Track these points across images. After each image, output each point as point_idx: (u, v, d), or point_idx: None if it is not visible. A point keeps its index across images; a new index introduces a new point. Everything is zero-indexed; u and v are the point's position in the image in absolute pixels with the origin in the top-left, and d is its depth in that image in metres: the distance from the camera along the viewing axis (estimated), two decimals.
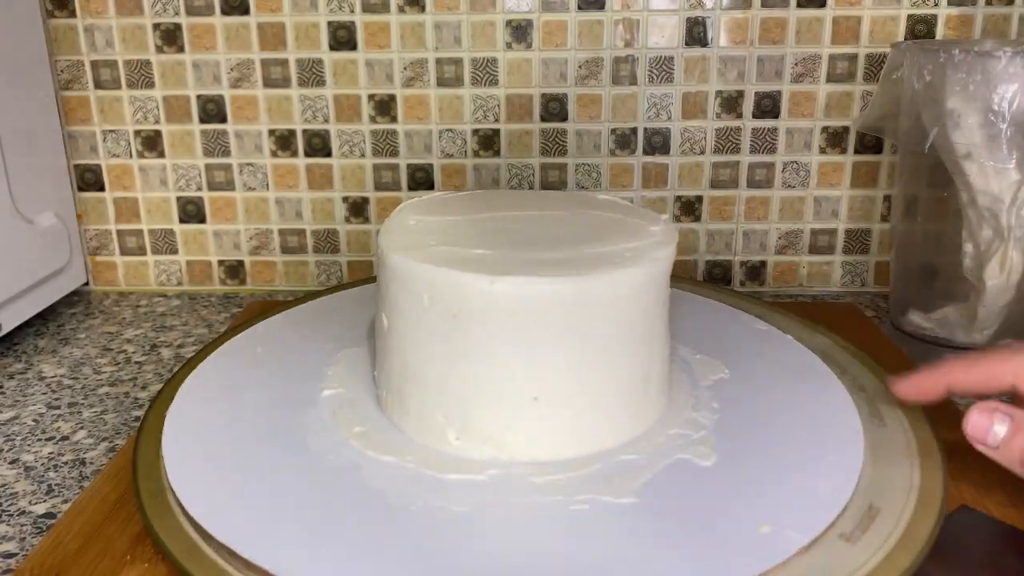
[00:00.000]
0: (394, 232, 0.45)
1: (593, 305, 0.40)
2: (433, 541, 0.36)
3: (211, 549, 0.35)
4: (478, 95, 0.70)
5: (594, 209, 0.50)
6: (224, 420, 0.45)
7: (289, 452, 0.42)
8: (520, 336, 0.39)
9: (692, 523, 0.37)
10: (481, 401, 0.41)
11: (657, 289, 0.43)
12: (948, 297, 0.59)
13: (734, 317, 0.57)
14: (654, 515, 0.37)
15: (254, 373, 0.50)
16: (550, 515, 0.37)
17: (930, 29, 0.68)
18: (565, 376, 0.41)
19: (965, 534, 0.37)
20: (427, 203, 0.51)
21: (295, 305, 0.60)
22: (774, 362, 0.51)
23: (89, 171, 0.73)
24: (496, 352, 0.40)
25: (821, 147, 0.71)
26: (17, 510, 0.44)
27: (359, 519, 0.37)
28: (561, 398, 0.41)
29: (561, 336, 0.40)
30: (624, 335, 0.42)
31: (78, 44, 0.70)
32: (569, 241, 0.44)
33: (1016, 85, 0.51)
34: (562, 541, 0.36)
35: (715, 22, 0.68)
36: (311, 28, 0.69)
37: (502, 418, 0.41)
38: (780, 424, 0.44)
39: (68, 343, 0.65)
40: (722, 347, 0.52)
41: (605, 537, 0.36)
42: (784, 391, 0.47)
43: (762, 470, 0.40)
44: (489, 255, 0.42)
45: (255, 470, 0.40)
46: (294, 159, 0.72)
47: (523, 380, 0.40)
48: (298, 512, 0.37)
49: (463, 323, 0.40)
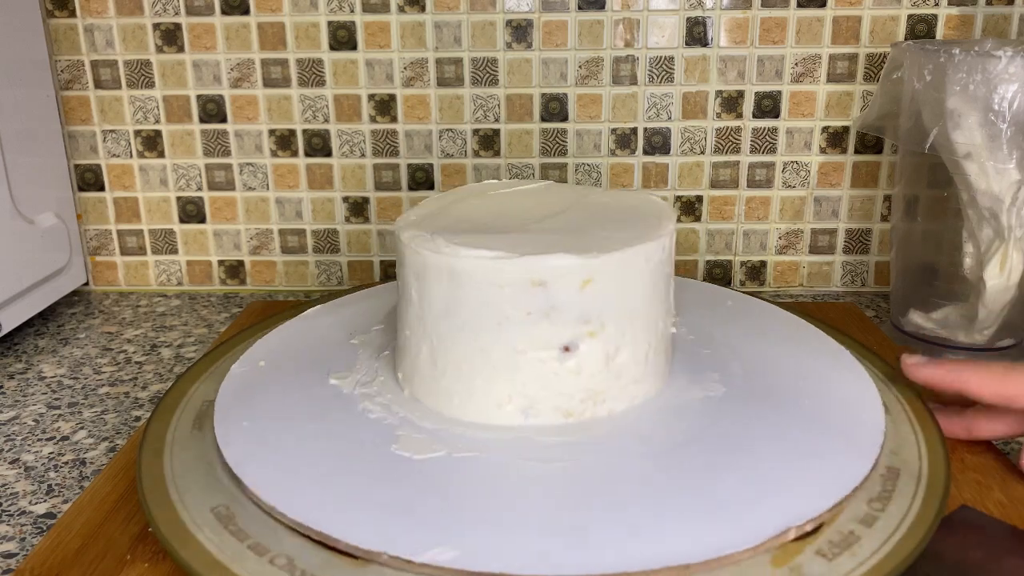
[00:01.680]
0: (415, 225, 0.46)
1: (611, 278, 0.41)
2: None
3: (212, 548, 0.35)
4: (478, 95, 0.70)
5: (594, 196, 0.51)
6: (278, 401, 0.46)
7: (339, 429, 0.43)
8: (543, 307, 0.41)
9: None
10: (511, 367, 0.42)
11: (668, 260, 0.45)
12: (948, 297, 0.59)
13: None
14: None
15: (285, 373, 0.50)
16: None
17: (930, 29, 0.68)
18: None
19: (965, 534, 0.37)
20: (436, 200, 0.51)
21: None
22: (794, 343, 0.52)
23: (89, 171, 0.73)
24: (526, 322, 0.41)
25: (821, 147, 0.71)
26: (17, 510, 0.44)
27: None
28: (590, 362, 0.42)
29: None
30: (639, 307, 0.43)
31: (78, 44, 0.70)
32: (578, 222, 0.46)
33: (1016, 85, 0.51)
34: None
35: (715, 22, 0.68)
36: (311, 28, 0.69)
37: (531, 383, 0.42)
38: (793, 400, 0.45)
39: (68, 343, 0.65)
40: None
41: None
42: (796, 366, 0.49)
43: (770, 457, 0.40)
44: (514, 237, 0.43)
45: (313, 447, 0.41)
46: (294, 159, 0.72)
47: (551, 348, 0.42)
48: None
49: (492, 300, 0.41)
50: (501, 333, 0.41)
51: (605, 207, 0.48)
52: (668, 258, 0.45)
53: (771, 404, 0.44)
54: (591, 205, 0.49)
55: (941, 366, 0.43)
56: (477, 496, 0.38)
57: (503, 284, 0.40)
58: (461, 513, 0.36)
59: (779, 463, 0.39)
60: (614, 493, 0.37)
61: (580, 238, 0.43)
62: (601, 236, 0.43)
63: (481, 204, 0.50)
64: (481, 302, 0.41)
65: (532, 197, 0.51)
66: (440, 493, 0.38)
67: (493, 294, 0.41)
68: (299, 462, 0.40)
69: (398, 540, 0.34)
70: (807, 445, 0.40)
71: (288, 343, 0.53)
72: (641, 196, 0.50)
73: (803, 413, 0.43)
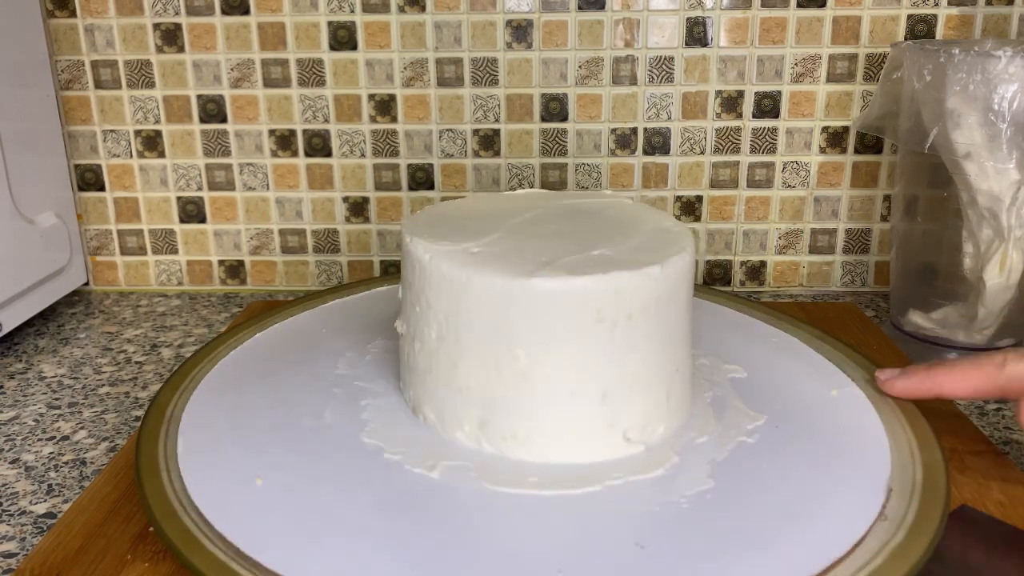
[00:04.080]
0: (426, 235, 0.45)
1: (632, 300, 0.40)
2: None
3: (212, 547, 0.35)
4: (478, 95, 0.70)
5: (601, 208, 0.50)
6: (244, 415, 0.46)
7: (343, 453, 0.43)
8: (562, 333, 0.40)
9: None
10: (522, 400, 0.41)
11: (689, 283, 0.44)
12: (948, 297, 0.59)
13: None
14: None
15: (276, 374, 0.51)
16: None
17: (930, 29, 0.68)
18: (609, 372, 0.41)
19: (965, 534, 0.37)
20: (444, 207, 0.51)
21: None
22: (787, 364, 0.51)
23: (89, 171, 0.73)
24: (543, 349, 0.40)
25: (821, 147, 0.71)
26: (17, 510, 0.44)
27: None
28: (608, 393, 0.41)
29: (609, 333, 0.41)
30: (659, 332, 0.42)
31: (78, 44, 0.70)
32: (597, 239, 0.44)
33: (1016, 85, 0.51)
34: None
35: (715, 22, 0.68)
36: (311, 28, 0.69)
37: (539, 417, 0.41)
38: (804, 431, 0.44)
39: (68, 343, 0.65)
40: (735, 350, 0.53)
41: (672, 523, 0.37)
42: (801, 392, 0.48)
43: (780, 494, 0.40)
44: (528, 253, 0.42)
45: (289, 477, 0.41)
46: (294, 159, 0.72)
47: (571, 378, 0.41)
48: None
49: (514, 321, 0.40)
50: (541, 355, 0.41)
51: (617, 222, 0.47)
52: (689, 279, 0.43)
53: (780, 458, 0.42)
54: (603, 219, 0.48)
55: (913, 376, 0.44)
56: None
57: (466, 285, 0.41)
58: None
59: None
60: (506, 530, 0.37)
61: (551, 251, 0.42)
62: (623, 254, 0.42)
63: (496, 205, 0.50)
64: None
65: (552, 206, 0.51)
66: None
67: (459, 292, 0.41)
68: (254, 431, 0.44)
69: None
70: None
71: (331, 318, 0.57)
72: (664, 221, 0.48)
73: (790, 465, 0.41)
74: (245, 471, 0.40)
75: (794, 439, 0.43)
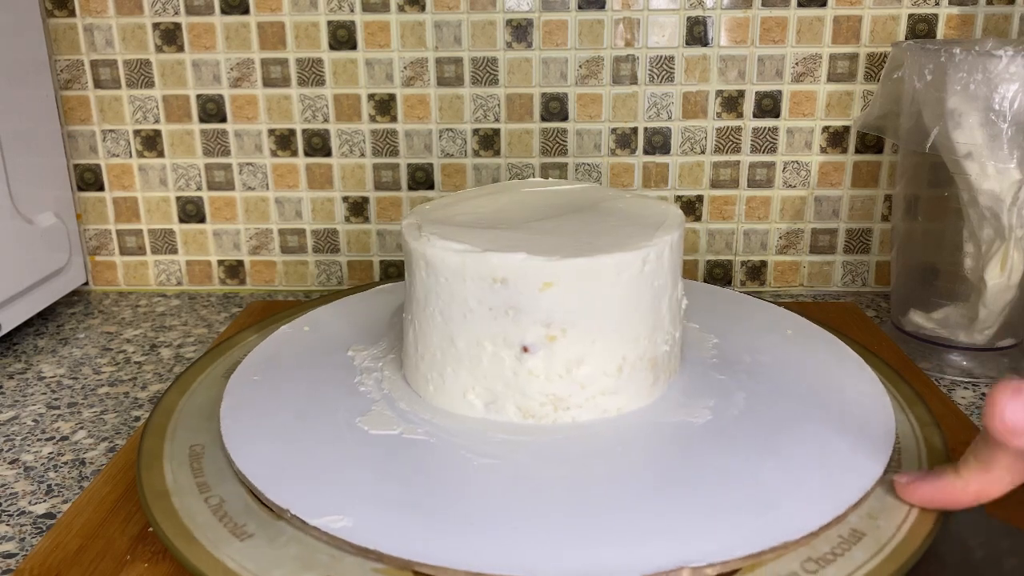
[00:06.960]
0: (426, 224, 0.46)
1: (624, 278, 0.42)
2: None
3: (212, 544, 0.35)
4: (478, 95, 0.70)
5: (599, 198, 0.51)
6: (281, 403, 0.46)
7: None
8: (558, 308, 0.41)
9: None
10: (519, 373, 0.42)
11: (675, 258, 0.45)
12: (949, 297, 0.59)
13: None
14: None
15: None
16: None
17: (931, 28, 0.68)
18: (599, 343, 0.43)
19: (965, 534, 0.37)
20: (442, 203, 0.51)
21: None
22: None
23: (89, 171, 0.73)
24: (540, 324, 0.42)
25: (822, 147, 0.71)
26: (17, 510, 0.44)
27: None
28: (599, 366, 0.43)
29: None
30: (646, 308, 0.44)
31: (78, 44, 0.70)
32: (578, 226, 0.46)
33: (1017, 85, 0.51)
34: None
35: (715, 22, 0.68)
36: (311, 27, 0.69)
37: (536, 385, 0.42)
38: (802, 401, 0.45)
39: (68, 343, 0.65)
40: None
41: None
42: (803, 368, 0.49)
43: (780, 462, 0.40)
44: (529, 239, 0.43)
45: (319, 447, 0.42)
46: (294, 159, 0.72)
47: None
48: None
49: (458, 292, 0.42)
50: (466, 325, 0.42)
51: (617, 213, 0.48)
52: (657, 271, 0.43)
53: (759, 435, 0.42)
54: (605, 209, 0.49)
55: (926, 482, 0.37)
56: (400, 476, 0.39)
57: (466, 278, 0.41)
58: (375, 487, 0.37)
59: (731, 492, 0.37)
60: (535, 497, 0.37)
61: (560, 240, 0.43)
62: (584, 241, 0.43)
63: (496, 200, 0.51)
64: (450, 293, 0.42)
65: (555, 197, 0.51)
66: (371, 467, 0.39)
67: (459, 286, 0.42)
68: (269, 418, 0.44)
69: (302, 502, 0.36)
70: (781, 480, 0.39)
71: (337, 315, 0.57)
72: (660, 206, 0.50)
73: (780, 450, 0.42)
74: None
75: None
